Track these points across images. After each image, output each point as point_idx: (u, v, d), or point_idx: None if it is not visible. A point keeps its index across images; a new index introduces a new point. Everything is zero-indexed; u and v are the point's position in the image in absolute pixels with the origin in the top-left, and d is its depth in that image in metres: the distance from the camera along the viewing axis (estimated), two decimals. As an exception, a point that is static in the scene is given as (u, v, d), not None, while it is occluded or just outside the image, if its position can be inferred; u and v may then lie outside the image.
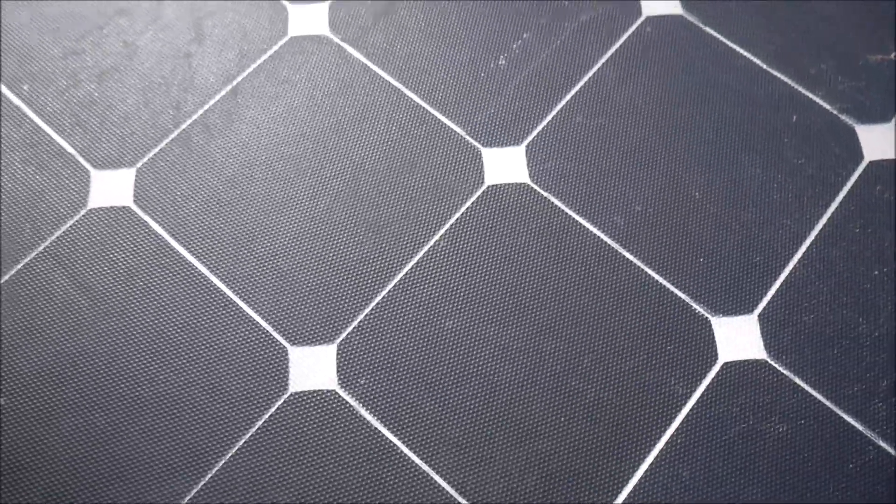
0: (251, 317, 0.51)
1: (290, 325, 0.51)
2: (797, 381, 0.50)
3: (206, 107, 0.58)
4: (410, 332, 0.51)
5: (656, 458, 0.48)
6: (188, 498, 0.47)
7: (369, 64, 0.60)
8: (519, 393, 0.49)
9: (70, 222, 0.54)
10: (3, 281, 0.52)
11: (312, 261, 0.53)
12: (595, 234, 0.54)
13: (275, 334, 0.51)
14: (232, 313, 0.51)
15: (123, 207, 0.55)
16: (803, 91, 0.59)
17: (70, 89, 0.59)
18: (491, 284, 0.52)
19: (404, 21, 0.61)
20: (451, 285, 0.52)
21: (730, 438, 0.48)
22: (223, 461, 0.48)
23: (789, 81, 0.59)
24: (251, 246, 0.53)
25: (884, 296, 0.52)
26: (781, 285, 0.52)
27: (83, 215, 0.55)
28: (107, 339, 0.51)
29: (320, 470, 0.47)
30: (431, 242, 0.54)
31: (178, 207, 0.55)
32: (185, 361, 0.50)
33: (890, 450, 0.48)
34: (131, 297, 0.52)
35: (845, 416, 0.49)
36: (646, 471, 0.48)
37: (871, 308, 0.52)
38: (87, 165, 0.56)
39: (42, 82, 0.59)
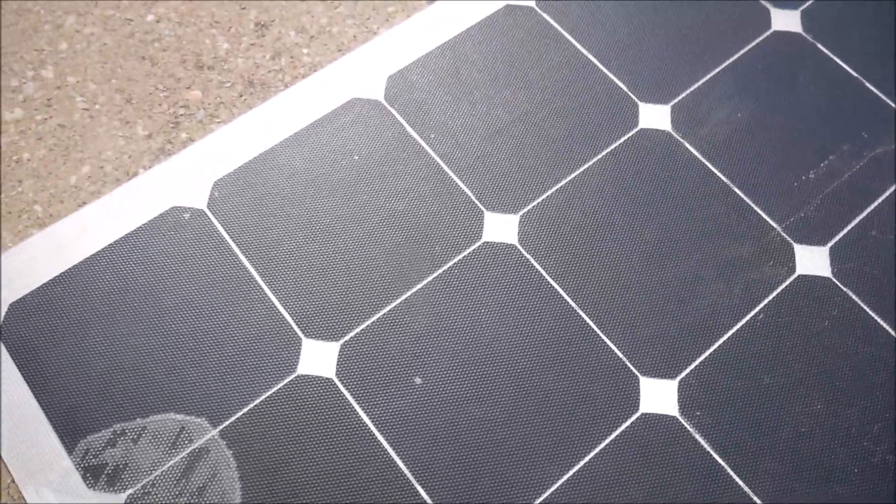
0: (610, 347, 0.66)
1: (641, 358, 0.66)
2: None
3: (573, 175, 0.74)
4: (736, 381, 0.65)
5: (929, 513, 0.61)
6: (561, 481, 0.62)
7: (701, 158, 0.75)
8: (821, 444, 0.63)
9: (470, 249, 0.70)
10: (419, 287, 0.68)
11: (658, 312, 0.68)
12: (886, 330, 0.67)
13: (629, 364, 0.66)
14: (595, 343, 0.67)
15: (510, 245, 0.71)
16: None
17: (467, 143, 0.75)
18: (795, 355, 0.66)
19: (738, 125, 0.76)
20: (769, 350, 0.66)
21: None
22: (587, 458, 0.63)
23: None
24: (612, 290, 0.69)
25: None
26: None
27: (479, 245, 0.70)
28: (499, 347, 0.66)
29: (663, 478, 0.62)
30: (749, 316, 0.68)
31: (553, 251, 0.70)
32: (559, 373, 0.65)
33: None
34: (518, 315, 0.67)
35: None
36: (918, 522, 0.61)
37: None
38: (482, 207, 0.72)
39: (445, 134, 0.75)
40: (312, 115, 0.76)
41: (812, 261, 0.70)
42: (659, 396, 0.65)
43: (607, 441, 0.63)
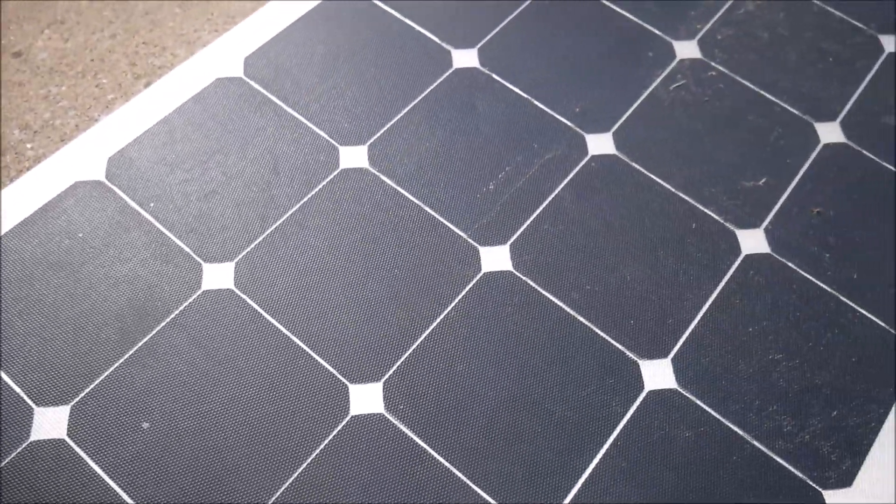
0: (323, 365, 0.74)
1: (350, 369, 0.74)
2: (698, 402, 0.73)
3: (282, 219, 0.82)
4: (433, 373, 0.74)
5: (604, 455, 0.70)
6: (283, 489, 0.68)
7: (405, 193, 0.84)
8: (510, 414, 0.72)
9: (190, 300, 0.77)
10: (143, 342, 0.74)
11: (363, 328, 0.76)
12: (560, 307, 0.78)
13: (339, 376, 0.73)
14: (309, 364, 0.74)
15: (227, 290, 0.78)
16: (701, 207, 0.84)
17: (184, 206, 0.82)
18: (485, 342, 0.75)
19: (436, 157, 0.86)
20: (461, 341, 0.75)
21: (653, 441, 0.71)
22: (304, 465, 0.69)
23: (691, 201, 0.85)
24: (322, 314, 0.76)
25: (757, 345, 0.76)
26: (686, 338, 0.76)
27: (199, 295, 0.77)
28: (222, 383, 0.73)
29: (374, 468, 0.69)
30: (442, 316, 0.77)
31: (268, 289, 0.78)
32: (276, 396, 0.72)
33: (761, 447, 0.71)
34: (236, 351, 0.74)
35: (730, 425, 0.72)
36: (596, 465, 0.70)
37: (747, 353, 0.76)
38: (200, 260, 0.79)
39: (164, 201, 0.83)
40: (37, 203, 0.82)
41: (495, 258, 0.80)
42: (367, 399, 0.72)
43: (322, 446, 0.70)
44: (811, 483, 0.71)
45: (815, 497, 0.70)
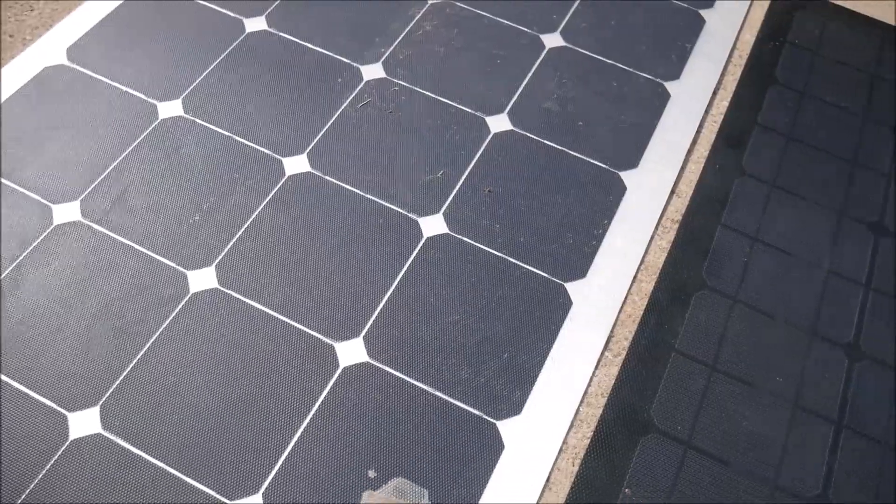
0: (37, 399, 0.80)
1: (68, 399, 0.80)
2: (387, 369, 0.84)
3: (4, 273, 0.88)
4: (146, 390, 0.81)
5: (305, 428, 0.79)
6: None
7: (116, 237, 0.92)
8: (217, 412, 0.80)
9: (-90, 367, 0.82)
10: None
11: (81, 353, 0.83)
12: (264, 311, 0.87)
13: (56, 406, 0.80)
14: (24, 399, 0.80)
15: (-52, 351, 0.83)
16: (387, 204, 0.96)
17: None
18: (197, 356, 0.84)
19: (134, 200, 0.95)
20: (178, 359, 0.83)
21: (348, 408, 0.81)
22: (26, 492, 0.75)
23: (378, 199, 0.96)
24: (41, 354, 0.83)
25: (438, 312, 0.88)
26: (376, 317, 0.87)
27: (-81, 361, 0.82)
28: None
29: (97, 483, 0.76)
30: (151, 342, 0.85)
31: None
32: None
33: (443, 395, 0.82)
34: (-42, 405, 0.80)
35: (416, 382, 0.83)
36: (298, 437, 0.79)
37: (430, 320, 0.87)
38: (-80, 329, 0.84)
39: None
40: None
41: (202, 280, 0.89)
42: (85, 423, 0.79)
43: (42, 473, 0.76)
44: (486, 417, 0.82)
45: (490, 428, 0.81)
